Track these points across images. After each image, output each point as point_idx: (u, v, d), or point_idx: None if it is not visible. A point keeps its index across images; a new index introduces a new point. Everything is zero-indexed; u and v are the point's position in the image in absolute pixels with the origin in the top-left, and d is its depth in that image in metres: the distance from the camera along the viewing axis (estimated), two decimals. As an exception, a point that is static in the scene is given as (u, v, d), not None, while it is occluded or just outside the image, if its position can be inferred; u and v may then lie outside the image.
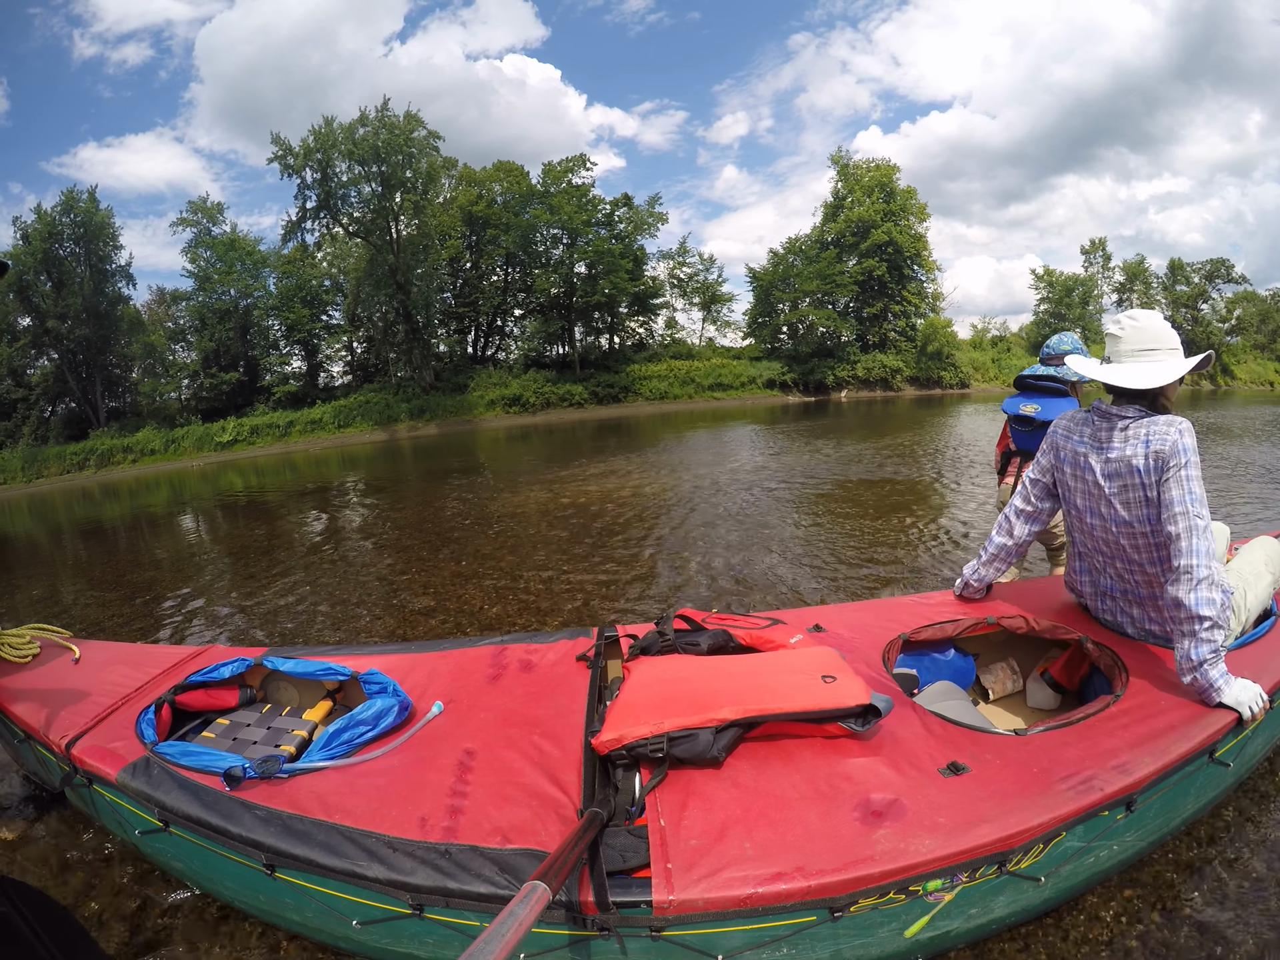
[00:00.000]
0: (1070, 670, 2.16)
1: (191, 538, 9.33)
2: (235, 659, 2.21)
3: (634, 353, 34.99)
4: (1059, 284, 39.53)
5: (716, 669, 1.84)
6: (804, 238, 36.41)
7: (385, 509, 9.48)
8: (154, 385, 30.23)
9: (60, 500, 18.29)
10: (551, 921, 1.28)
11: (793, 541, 5.55)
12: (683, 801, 1.45)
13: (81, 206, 27.49)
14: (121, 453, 26.17)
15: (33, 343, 27.93)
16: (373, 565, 6.07)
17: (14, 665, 2.33)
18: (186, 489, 16.43)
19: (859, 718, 1.60)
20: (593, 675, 2.03)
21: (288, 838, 1.47)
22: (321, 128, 27.62)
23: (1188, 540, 1.70)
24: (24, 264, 26.25)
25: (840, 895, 1.26)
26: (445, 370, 32.07)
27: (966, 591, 2.39)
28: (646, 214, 33.57)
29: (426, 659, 2.25)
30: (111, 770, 1.73)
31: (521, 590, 4.74)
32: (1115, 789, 1.43)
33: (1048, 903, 1.55)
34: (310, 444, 26.80)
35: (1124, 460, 1.84)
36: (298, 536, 8.17)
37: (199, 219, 30.83)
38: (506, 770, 1.64)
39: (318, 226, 30.13)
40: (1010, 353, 38.12)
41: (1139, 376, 1.85)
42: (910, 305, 35.62)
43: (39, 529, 12.59)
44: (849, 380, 33.49)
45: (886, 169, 35.26)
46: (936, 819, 1.36)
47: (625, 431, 20.15)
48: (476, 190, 33.07)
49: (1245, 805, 1.96)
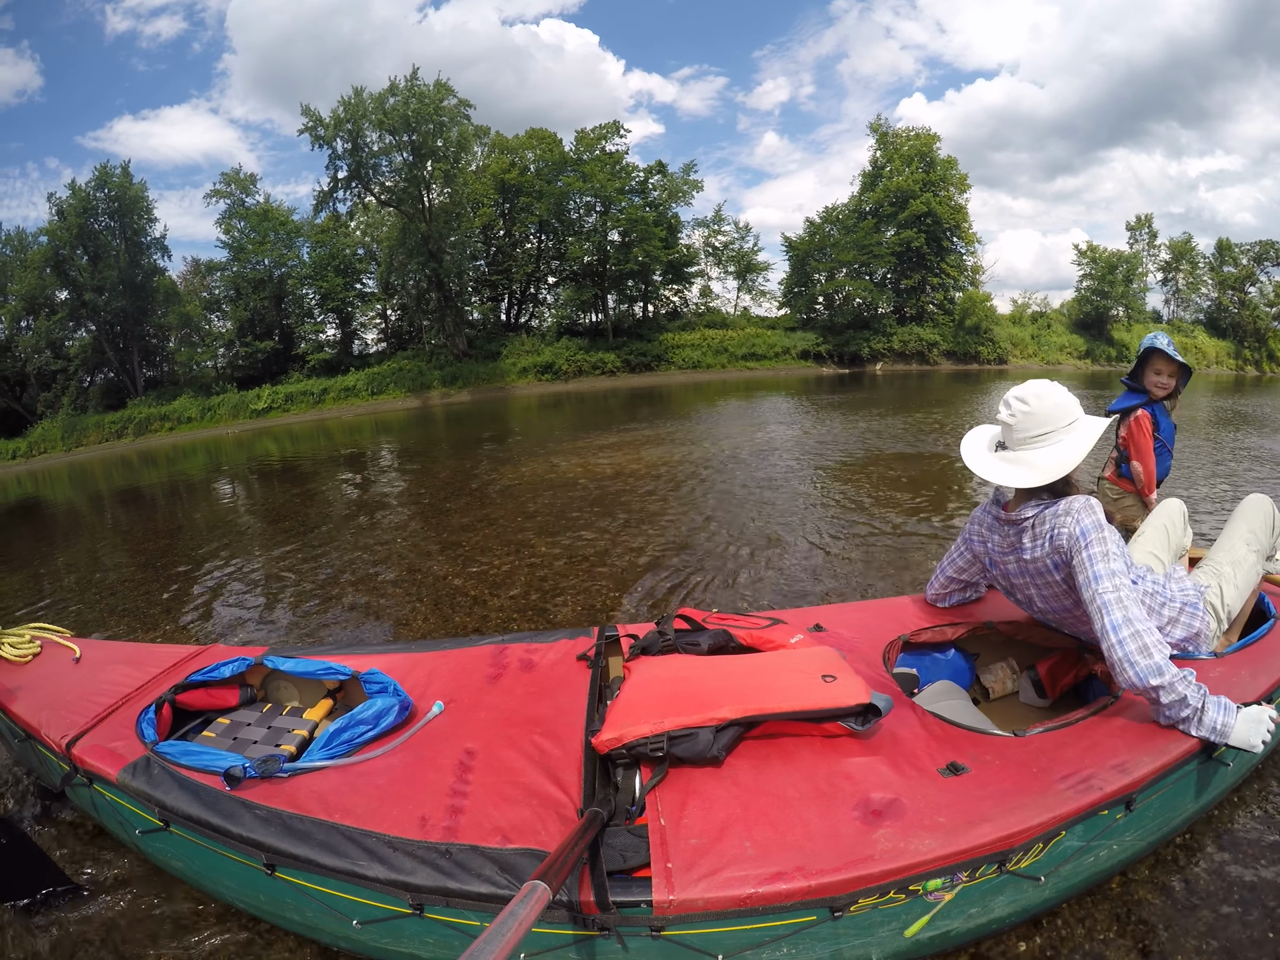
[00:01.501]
0: (1055, 676, 2.16)
1: (227, 502, 9.63)
2: (236, 658, 2.20)
3: (668, 321, 34.75)
4: (1102, 260, 37.44)
5: (717, 668, 1.84)
6: (841, 207, 35.54)
7: (417, 474, 9.73)
8: (190, 354, 30.72)
9: (99, 468, 18.74)
10: (552, 921, 1.28)
11: (827, 521, 5.50)
12: (683, 801, 1.45)
13: (115, 181, 27.82)
14: (159, 421, 26.87)
15: (71, 315, 28.51)
16: (402, 528, 6.28)
17: (14, 665, 2.33)
18: (223, 456, 16.68)
19: (859, 717, 1.60)
20: (593, 675, 2.03)
21: (288, 837, 1.47)
22: (351, 98, 27.61)
23: (1100, 621, 1.64)
24: (60, 239, 26.76)
25: (840, 895, 1.26)
26: (478, 338, 32.12)
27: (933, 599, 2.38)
28: (681, 181, 33.24)
29: (427, 658, 2.25)
30: (112, 770, 1.73)
31: (547, 562, 4.81)
32: (1115, 788, 1.44)
33: (1048, 902, 1.55)
34: (344, 411, 27.12)
35: (1036, 562, 1.84)
36: (332, 500, 8.45)
37: (232, 190, 31.12)
38: (507, 770, 1.64)
39: (349, 196, 30.26)
40: (1050, 329, 36.88)
41: (1031, 474, 1.76)
42: (949, 278, 34.71)
43: (79, 496, 12.99)
44: (884, 353, 32.58)
45: (927, 138, 34.26)
46: (936, 818, 1.36)
47: (657, 400, 20.10)
48: (509, 158, 32.94)
49: (1245, 805, 1.96)
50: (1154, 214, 43.07)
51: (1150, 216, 40.84)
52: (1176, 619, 1.90)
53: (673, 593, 4.08)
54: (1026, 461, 1.79)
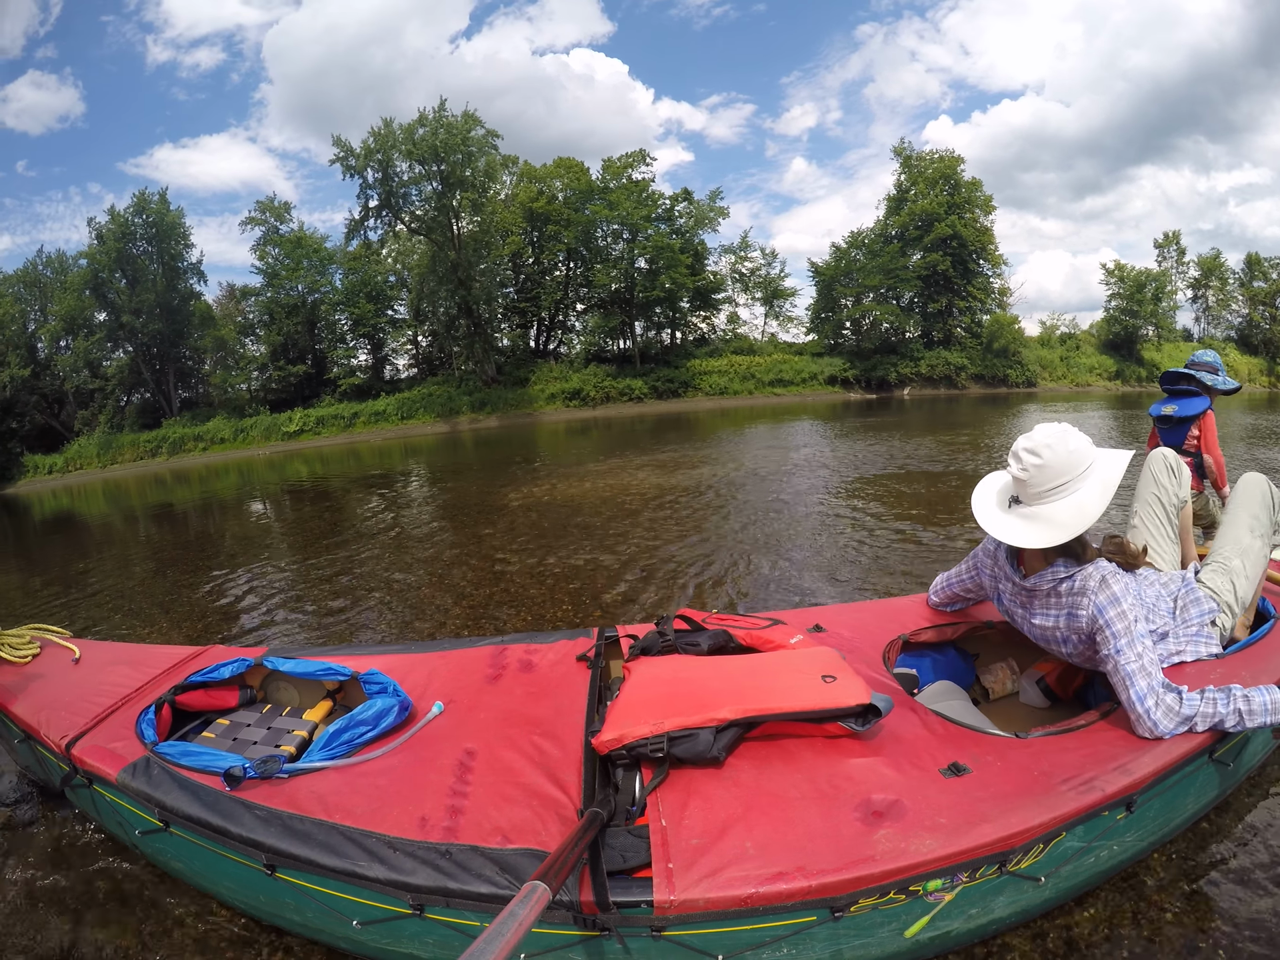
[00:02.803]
0: (1065, 680, 2.17)
1: (256, 520, 9.94)
2: (235, 659, 2.20)
3: (695, 347, 35.02)
4: (1130, 279, 37.04)
5: (717, 669, 1.84)
6: (867, 231, 35.75)
7: (444, 494, 10.03)
8: (224, 377, 31.69)
9: (133, 485, 19.40)
10: (552, 921, 1.28)
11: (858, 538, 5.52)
12: (683, 801, 1.45)
13: (153, 207, 28.98)
14: (193, 441, 27.87)
15: (109, 336, 29.73)
16: (429, 544, 6.44)
17: (14, 665, 2.33)
18: (254, 476, 17.10)
19: (859, 717, 1.60)
20: (593, 675, 2.03)
21: (288, 838, 1.47)
22: (381, 129, 28.39)
23: (1125, 693, 1.61)
24: (99, 262, 28.08)
25: (841, 895, 1.26)
26: (507, 364, 32.66)
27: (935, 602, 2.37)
28: (707, 208, 33.51)
29: (426, 659, 2.25)
30: (111, 770, 1.73)
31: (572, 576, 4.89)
32: (1115, 789, 1.43)
33: (1048, 903, 1.55)
34: (373, 435, 27.67)
35: (1047, 628, 1.83)
36: (357, 518, 8.69)
37: (266, 218, 31.95)
38: (507, 770, 1.63)
39: (380, 224, 31.02)
40: (1079, 351, 36.59)
41: (1052, 532, 1.66)
42: (976, 301, 34.73)
43: (113, 511, 13.58)
44: (912, 378, 32.72)
45: (950, 160, 34.39)
46: (937, 819, 1.36)
47: (684, 426, 20.21)
48: (537, 187, 33.40)
49: (1245, 805, 1.96)
50: (1183, 230, 43.20)
51: (1178, 233, 40.46)
52: (1196, 637, 1.91)
53: (702, 594, 4.23)
54: (1044, 517, 1.68)
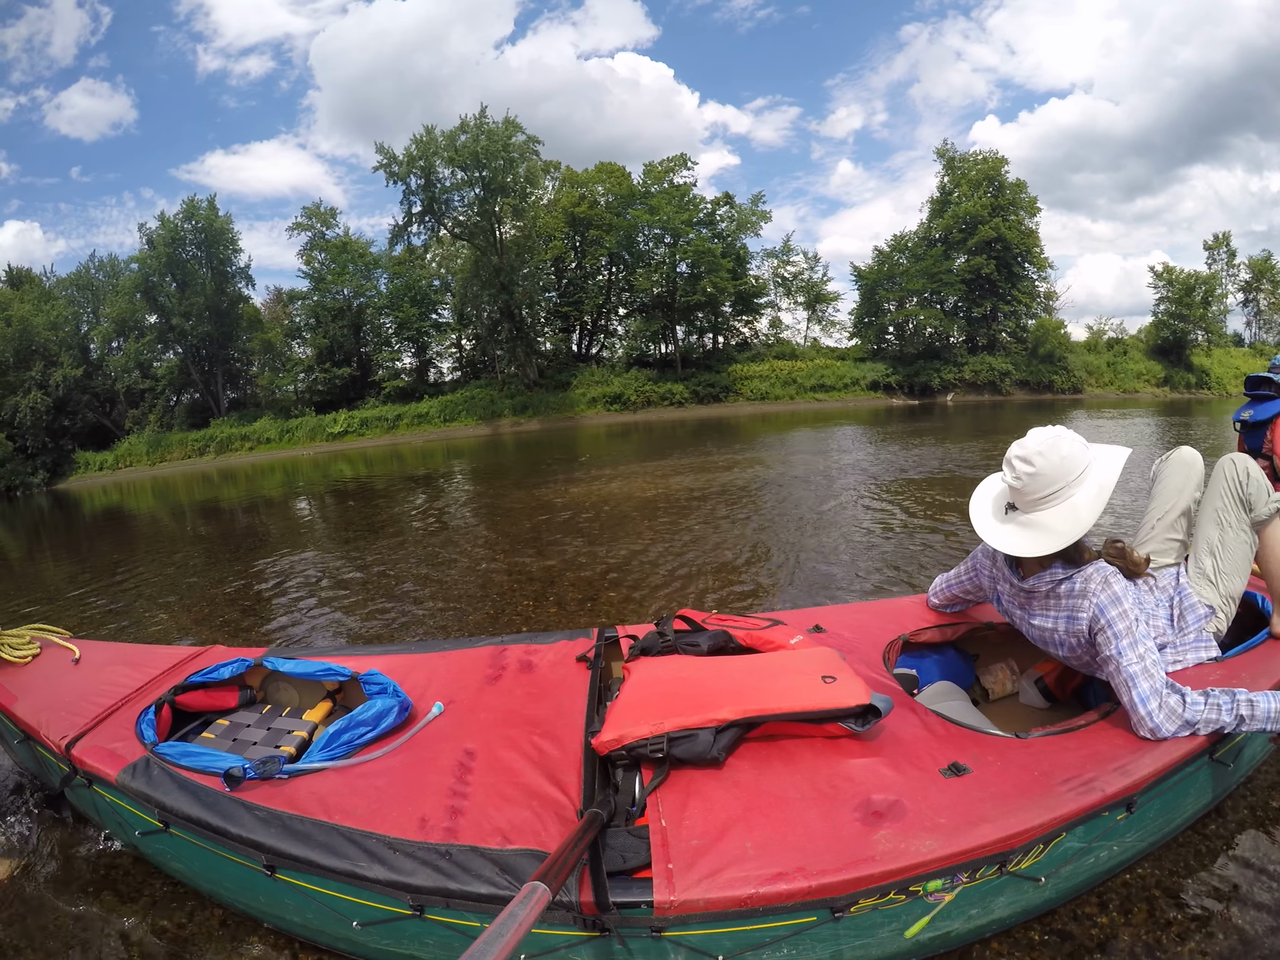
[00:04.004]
0: (1064, 681, 2.17)
1: (301, 516, 10.35)
2: (235, 659, 2.20)
3: (737, 352, 35.02)
4: (1179, 282, 35.85)
5: (716, 669, 1.84)
6: (910, 234, 35.33)
7: (486, 493, 10.35)
8: (271, 379, 32.81)
9: (181, 482, 20.04)
10: (552, 922, 1.28)
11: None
12: (683, 802, 1.45)
13: (201, 214, 30.01)
14: (240, 440, 28.85)
15: (159, 338, 31.14)
16: (467, 541, 6.64)
17: (14, 665, 2.33)
18: (299, 475, 17.51)
19: (859, 718, 1.59)
20: (593, 676, 2.03)
21: (288, 838, 1.47)
22: (423, 136, 28.94)
23: (1128, 694, 1.61)
24: (150, 267, 29.50)
25: (841, 895, 1.26)
26: (549, 368, 33.05)
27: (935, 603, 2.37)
28: (749, 212, 33.45)
29: (426, 660, 2.25)
30: (111, 771, 1.73)
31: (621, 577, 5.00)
32: (1115, 790, 1.44)
33: (1048, 903, 1.55)
34: (416, 436, 28.16)
35: (1047, 630, 1.82)
36: (399, 517, 8.95)
37: (312, 223, 32.74)
38: (507, 771, 1.63)
39: (423, 230, 31.61)
40: (1127, 356, 35.51)
41: (1048, 539, 1.67)
42: (1021, 305, 34.02)
43: (160, 507, 14.18)
44: (955, 383, 32.21)
45: (994, 161, 33.64)
46: (937, 819, 1.36)
47: (726, 430, 20.22)
48: (579, 192, 33.63)
49: (1245, 805, 1.96)
50: (1236, 232, 41.91)
51: (1228, 235, 39.45)
52: (1195, 643, 1.91)
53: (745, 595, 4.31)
54: (1039, 524, 1.69)
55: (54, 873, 1.99)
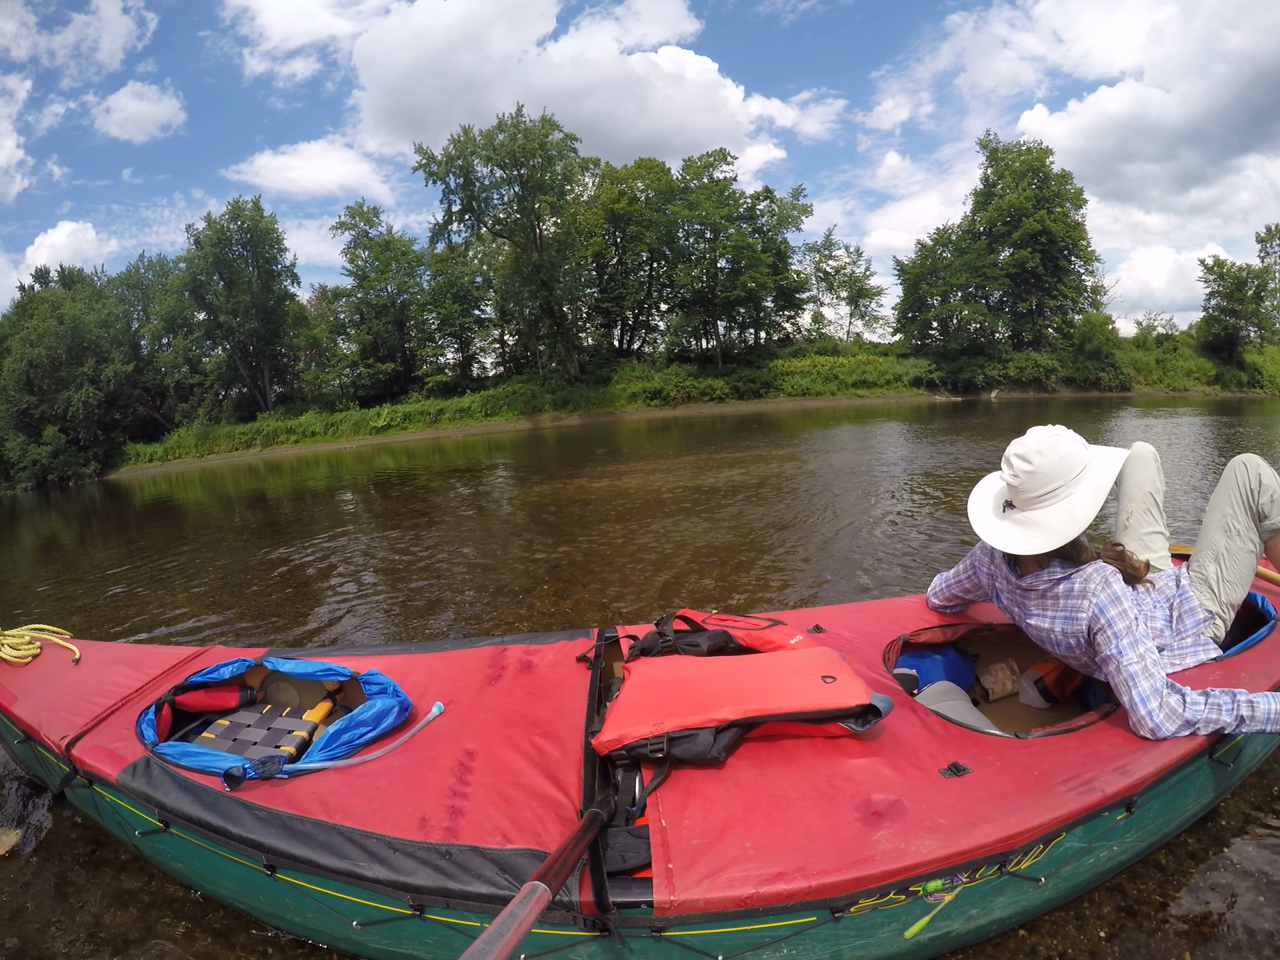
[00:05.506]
0: (1064, 681, 2.17)
1: (350, 507, 10.75)
2: (235, 660, 2.20)
3: (779, 348, 34.69)
4: (1230, 275, 33.98)
5: (716, 669, 1.84)
6: (953, 228, 34.28)
7: (528, 485, 10.62)
8: (317, 374, 33.39)
9: (228, 473, 20.56)
10: (552, 922, 1.28)
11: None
12: (683, 801, 1.45)
13: (247, 215, 30.76)
14: (285, 433, 29.73)
15: (207, 335, 32.21)
16: (508, 534, 6.87)
17: (14, 665, 2.33)
18: (343, 468, 17.88)
19: (859, 718, 1.59)
20: (593, 676, 2.03)
21: (288, 838, 1.47)
22: (460, 136, 29.21)
23: (1128, 694, 1.61)
24: (197, 266, 30.48)
25: (841, 895, 1.26)
26: (590, 363, 33.22)
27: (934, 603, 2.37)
28: (790, 206, 33.05)
29: (426, 660, 2.25)
30: (111, 771, 1.73)
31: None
32: (1115, 790, 1.44)
33: (1048, 903, 1.55)
34: (457, 430, 28.53)
35: (1046, 630, 1.82)
36: (440, 506, 9.32)
37: (356, 222, 33.27)
38: (507, 771, 1.63)
39: (464, 228, 32.01)
40: (1177, 353, 33.98)
41: (1044, 537, 1.68)
42: (1067, 300, 32.78)
43: (208, 497, 14.80)
44: (1000, 380, 31.26)
45: (1039, 152, 32.37)
46: (937, 819, 1.36)
47: (767, 426, 20.06)
48: (619, 188, 33.69)
49: (1245, 805, 1.96)
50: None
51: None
52: (1194, 646, 1.91)
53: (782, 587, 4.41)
54: (1036, 522, 1.70)
55: (54, 873, 1.99)
